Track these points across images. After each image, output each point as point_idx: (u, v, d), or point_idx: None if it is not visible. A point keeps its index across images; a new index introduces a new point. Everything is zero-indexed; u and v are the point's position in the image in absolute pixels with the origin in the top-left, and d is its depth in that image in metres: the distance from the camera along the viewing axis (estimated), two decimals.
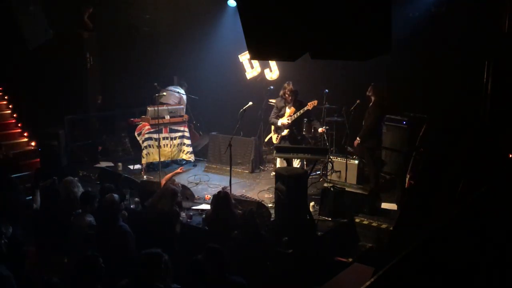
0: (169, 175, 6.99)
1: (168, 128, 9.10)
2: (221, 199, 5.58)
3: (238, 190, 7.71)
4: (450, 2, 7.96)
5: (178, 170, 7.16)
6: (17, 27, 8.84)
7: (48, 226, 5.90)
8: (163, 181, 6.78)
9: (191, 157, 9.41)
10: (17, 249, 5.26)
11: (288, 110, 7.53)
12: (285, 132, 7.60)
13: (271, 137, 8.02)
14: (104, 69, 10.89)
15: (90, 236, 5.19)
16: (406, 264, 1.92)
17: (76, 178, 6.59)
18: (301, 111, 7.45)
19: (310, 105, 7.42)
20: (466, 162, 3.75)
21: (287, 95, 7.50)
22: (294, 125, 7.58)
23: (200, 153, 9.89)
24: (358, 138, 7.60)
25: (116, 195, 5.40)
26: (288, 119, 7.51)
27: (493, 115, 3.84)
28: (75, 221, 5.38)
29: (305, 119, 8.70)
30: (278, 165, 7.65)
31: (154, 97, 8.46)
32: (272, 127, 7.90)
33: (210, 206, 6.03)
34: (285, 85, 7.57)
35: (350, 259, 6.06)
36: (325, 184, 7.26)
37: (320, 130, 7.57)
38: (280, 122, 7.59)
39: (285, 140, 7.61)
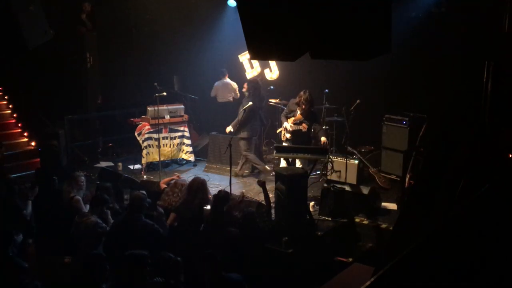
0: (168, 179, 7.00)
1: (168, 128, 9.10)
2: (221, 198, 5.58)
3: (238, 190, 7.71)
4: (450, 2, 7.96)
5: (175, 177, 7.15)
6: (17, 27, 8.83)
7: (48, 226, 5.90)
8: (162, 184, 6.78)
9: (191, 157, 9.42)
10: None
11: (297, 115, 7.46)
12: (288, 136, 7.57)
13: (280, 132, 7.93)
14: (104, 69, 10.89)
15: (99, 235, 5.19)
16: (406, 264, 1.92)
17: (81, 174, 6.58)
18: (299, 127, 7.41)
19: (303, 127, 7.41)
20: (466, 162, 3.75)
21: (303, 105, 7.37)
22: (300, 136, 7.51)
23: (200, 153, 9.88)
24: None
25: (143, 192, 5.47)
26: (290, 126, 7.48)
27: (493, 115, 3.83)
28: (79, 221, 5.37)
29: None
30: (282, 165, 7.59)
31: (154, 97, 8.47)
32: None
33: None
34: (301, 93, 7.41)
35: (350, 259, 6.05)
36: (325, 184, 7.25)
37: (322, 140, 7.38)
38: (284, 124, 7.57)
39: (289, 143, 7.59)
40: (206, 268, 4.29)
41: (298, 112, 7.44)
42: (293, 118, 7.49)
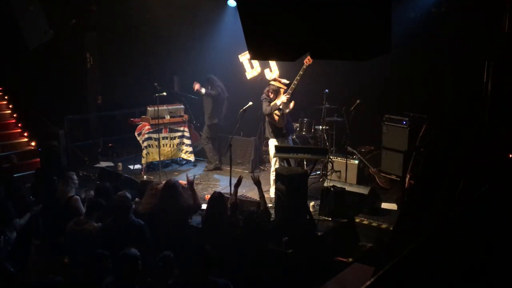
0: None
1: (168, 128, 9.11)
2: (214, 200, 5.56)
3: (238, 190, 7.68)
4: (450, 2, 7.96)
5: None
6: (17, 27, 8.84)
7: (48, 226, 5.91)
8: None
9: (191, 157, 9.42)
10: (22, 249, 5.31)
11: (282, 97, 7.23)
12: (292, 104, 7.22)
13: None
14: (104, 69, 10.91)
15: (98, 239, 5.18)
16: (406, 264, 1.92)
17: (73, 173, 6.59)
18: (300, 73, 7.04)
19: (306, 62, 7.01)
20: (466, 162, 3.75)
21: (271, 95, 7.31)
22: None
23: (200, 153, 9.89)
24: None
25: (127, 192, 5.46)
26: (288, 95, 7.18)
27: (493, 115, 3.83)
28: (79, 228, 5.33)
29: (305, 119, 8.70)
30: (273, 165, 7.51)
31: (154, 97, 8.48)
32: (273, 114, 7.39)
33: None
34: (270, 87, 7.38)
35: (350, 259, 6.06)
36: (325, 184, 7.25)
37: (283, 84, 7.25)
38: (280, 101, 7.21)
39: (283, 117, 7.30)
40: (196, 263, 4.24)
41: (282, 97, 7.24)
42: (284, 97, 7.21)
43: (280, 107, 7.26)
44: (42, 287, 4.16)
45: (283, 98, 7.23)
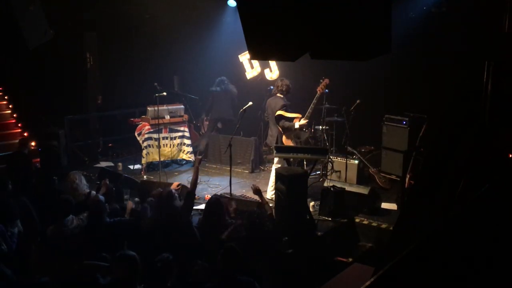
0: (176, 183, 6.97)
1: (168, 128, 9.10)
2: (212, 205, 5.54)
3: (238, 190, 7.71)
4: (450, 2, 7.97)
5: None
6: (17, 27, 8.84)
7: (47, 226, 5.90)
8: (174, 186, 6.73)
9: (191, 157, 9.42)
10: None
11: (301, 121, 7.21)
12: (307, 134, 7.43)
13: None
14: (104, 69, 10.90)
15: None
16: (406, 264, 1.92)
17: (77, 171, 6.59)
18: (314, 101, 7.23)
19: (319, 91, 7.31)
20: (466, 162, 3.75)
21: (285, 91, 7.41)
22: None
23: (200, 153, 9.89)
24: None
25: (101, 196, 5.45)
26: (306, 119, 7.22)
27: (493, 115, 3.83)
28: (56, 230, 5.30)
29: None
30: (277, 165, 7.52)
31: (154, 97, 8.47)
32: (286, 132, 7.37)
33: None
34: (283, 81, 7.52)
35: (350, 259, 6.05)
36: (325, 184, 7.25)
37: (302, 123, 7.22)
38: (298, 124, 7.20)
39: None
40: (224, 262, 4.24)
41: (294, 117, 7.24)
42: (303, 120, 7.20)
43: (297, 130, 7.26)
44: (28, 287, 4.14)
45: (301, 121, 7.22)
